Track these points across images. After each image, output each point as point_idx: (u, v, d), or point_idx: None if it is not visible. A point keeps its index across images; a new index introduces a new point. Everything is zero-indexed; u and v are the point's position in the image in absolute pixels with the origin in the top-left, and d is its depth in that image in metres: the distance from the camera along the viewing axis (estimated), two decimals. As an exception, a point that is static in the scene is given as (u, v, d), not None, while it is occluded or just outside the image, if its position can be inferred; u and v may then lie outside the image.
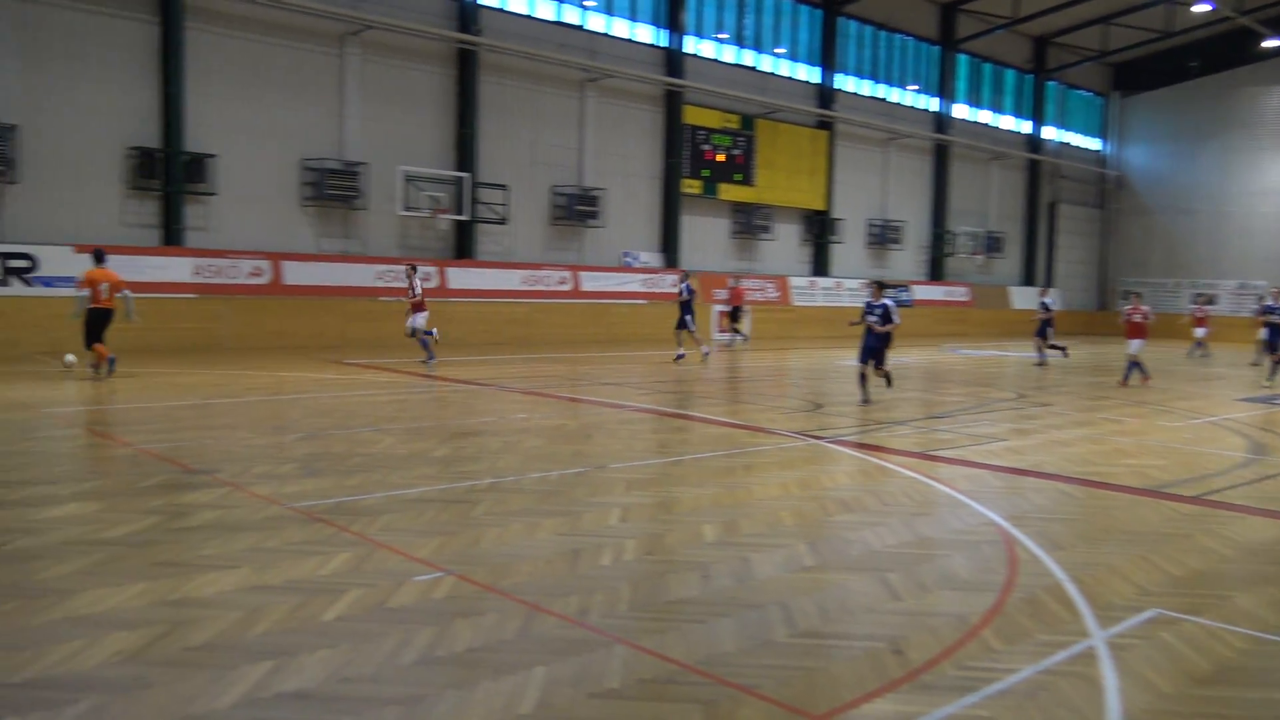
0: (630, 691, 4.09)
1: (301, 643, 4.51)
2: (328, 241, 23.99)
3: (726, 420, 12.32)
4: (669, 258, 30.45)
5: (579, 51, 27.80)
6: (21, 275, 18.94)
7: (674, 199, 30.48)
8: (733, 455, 9.90)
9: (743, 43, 32.39)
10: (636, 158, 29.79)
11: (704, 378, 18.43)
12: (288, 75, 22.95)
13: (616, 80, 28.74)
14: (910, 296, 36.94)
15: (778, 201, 33.50)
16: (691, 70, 30.31)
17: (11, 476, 7.96)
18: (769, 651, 4.60)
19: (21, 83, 19.48)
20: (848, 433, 11.65)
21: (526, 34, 26.74)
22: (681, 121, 30.32)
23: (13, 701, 3.81)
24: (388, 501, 7.31)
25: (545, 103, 27.58)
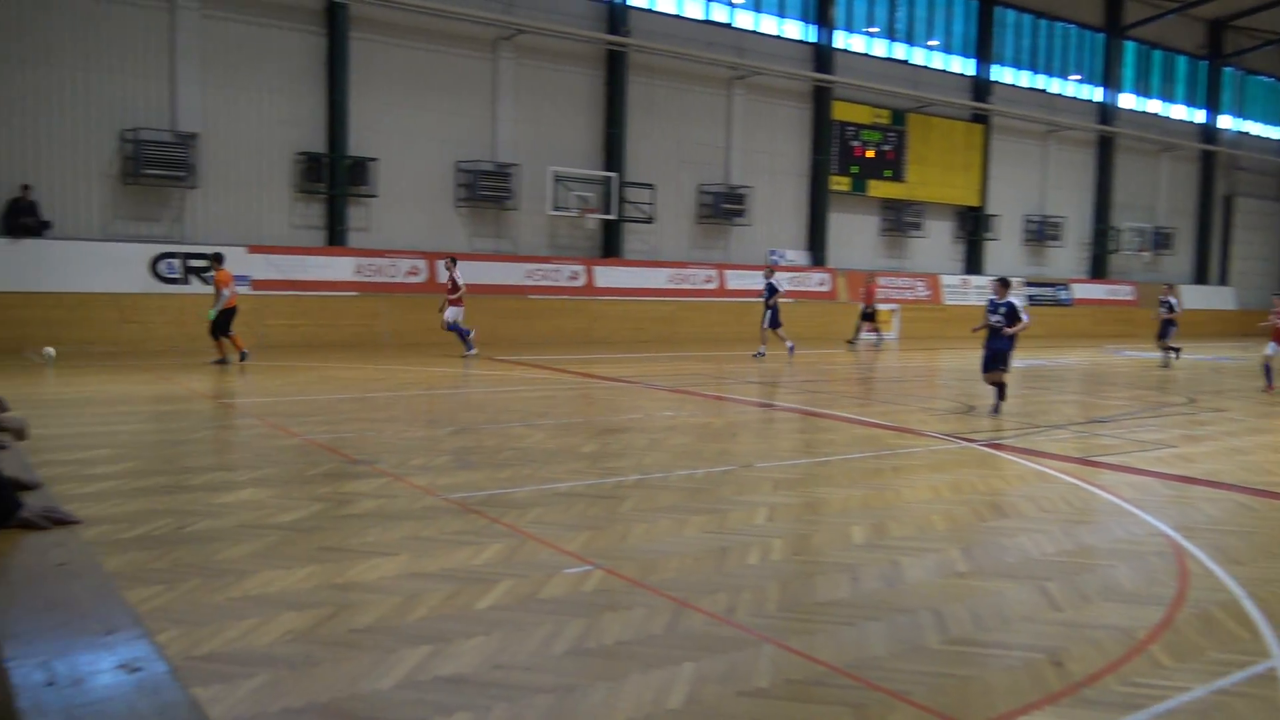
0: (778, 691, 4.06)
1: (457, 629, 4.65)
2: (480, 241, 24.69)
3: (874, 421, 12.09)
4: (816, 256, 30.09)
5: (726, 49, 27.77)
6: (201, 274, 20.18)
7: (821, 196, 30.10)
8: (881, 456, 9.70)
9: (894, 36, 31.70)
10: (784, 155, 29.54)
11: (851, 378, 18.13)
12: (444, 81, 23.73)
13: (764, 77, 28.57)
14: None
15: (929, 198, 32.67)
16: (841, 65, 29.86)
17: (193, 463, 8.49)
18: (920, 657, 4.49)
19: (203, 94, 20.77)
20: (1002, 436, 11.26)
21: (674, 33, 26.87)
22: (830, 118, 29.91)
23: (197, 673, 4.06)
24: (538, 495, 7.47)
25: (692, 101, 27.66)
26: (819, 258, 30.02)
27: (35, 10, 19.11)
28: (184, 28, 20.52)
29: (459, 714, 3.76)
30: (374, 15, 22.64)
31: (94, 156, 19.90)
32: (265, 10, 21.44)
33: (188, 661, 4.19)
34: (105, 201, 20.09)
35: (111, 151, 20.02)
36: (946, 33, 32.92)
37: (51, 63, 19.31)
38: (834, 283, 29.77)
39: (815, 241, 30.21)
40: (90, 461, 8.29)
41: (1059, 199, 36.59)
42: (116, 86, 19.97)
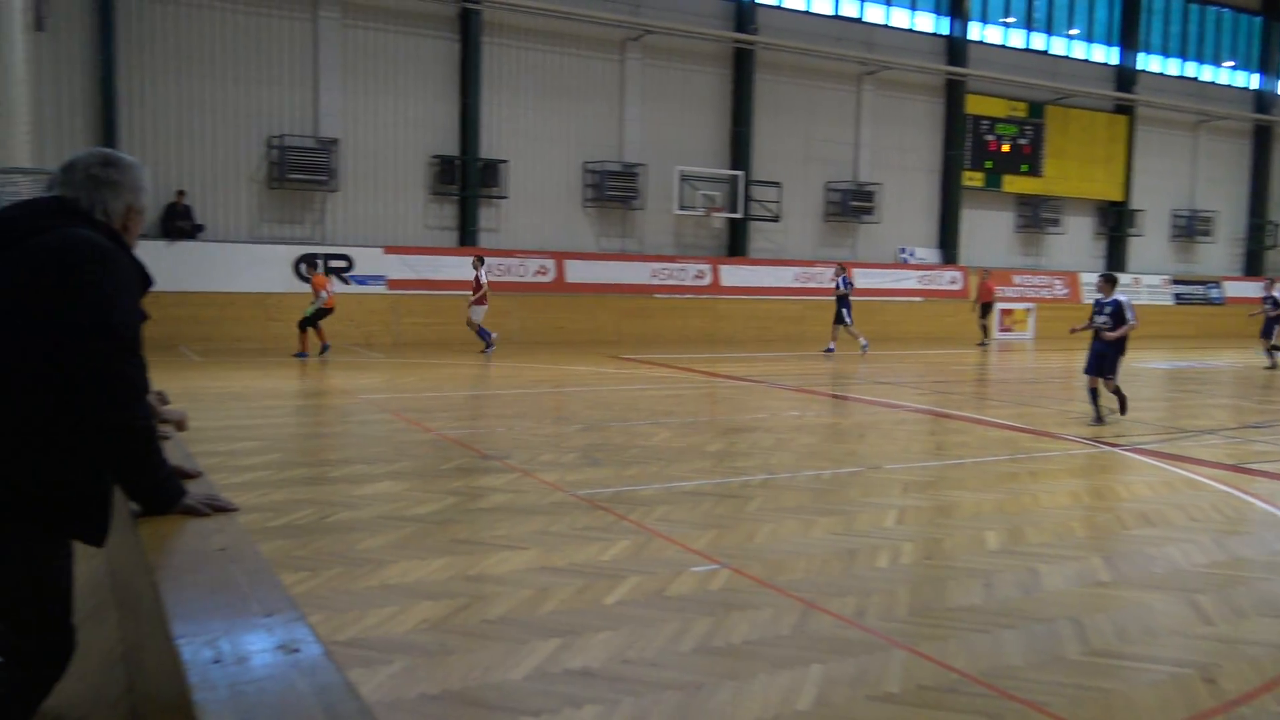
0: (910, 697, 3.99)
1: (586, 623, 4.72)
2: (607, 240, 24.95)
3: (1009, 423, 11.73)
4: (947, 254, 29.35)
5: (856, 44, 27.34)
6: (340, 274, 20.98)
7: (954, 192, 29.34)
8: (1016, 460, 9.40)
9: (1031, 25, 30.65)
10: (914, 151, 28.92)
11: (983, 378, 17.63)
12: (572, 83, 24.07)
13: (894, 72, 28.02)
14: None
15: (1068, 193, 31.48)
16: (975, 58, 29.03)
17: (333, 455, 8.85)
18: (1059, 668, 4.34)
19: (343, 101, 21.61)
20: (1147, 440, 10.77)
21: (802, 29, 26.61)
22: (963, 111, 29.13)
23: (339, 657, 4.20)
24: (664, 493, 7.51)
25: (820, 98, 27.34)
26: (950, 255, 29.28)
27: (190, 25, 20.20)
28: (326, 38, 21.38)
29: (587, 707, 3.82)
30: (505, 20, 23.12)
31: (243, 163, 20.93)
32: (402, 19, 22.15)
33: (331, 646, 4.34)
34: (252, 205, 21.11)
35: (259, 158, 21.01)
36: (1088, 20, 31.65)
37: (205, 75, 20.38)
38: (966, 281, 28.98)
39: (946, 239, 29.47)
40: (239, 453, 8.72)
41: (1210, 192, 34.76)
42: (264, 96, 20.95)
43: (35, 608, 2.50)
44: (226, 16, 20.51)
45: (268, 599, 1.97)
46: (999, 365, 20.80)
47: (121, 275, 2.52)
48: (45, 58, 18.47)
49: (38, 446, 2.41)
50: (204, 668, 1.61)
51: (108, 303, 2.43)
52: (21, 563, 2.45)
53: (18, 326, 2.43)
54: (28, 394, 2.41)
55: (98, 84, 19.33)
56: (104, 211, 2.66)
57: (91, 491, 2.53)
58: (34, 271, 2.46)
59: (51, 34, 18.75)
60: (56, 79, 18.96)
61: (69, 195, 2.64)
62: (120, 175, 2.71)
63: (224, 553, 2.29)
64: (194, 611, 1.90)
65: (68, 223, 2.56)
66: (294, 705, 1.49)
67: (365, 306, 21.03)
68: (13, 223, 2.59)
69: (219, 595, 2.00)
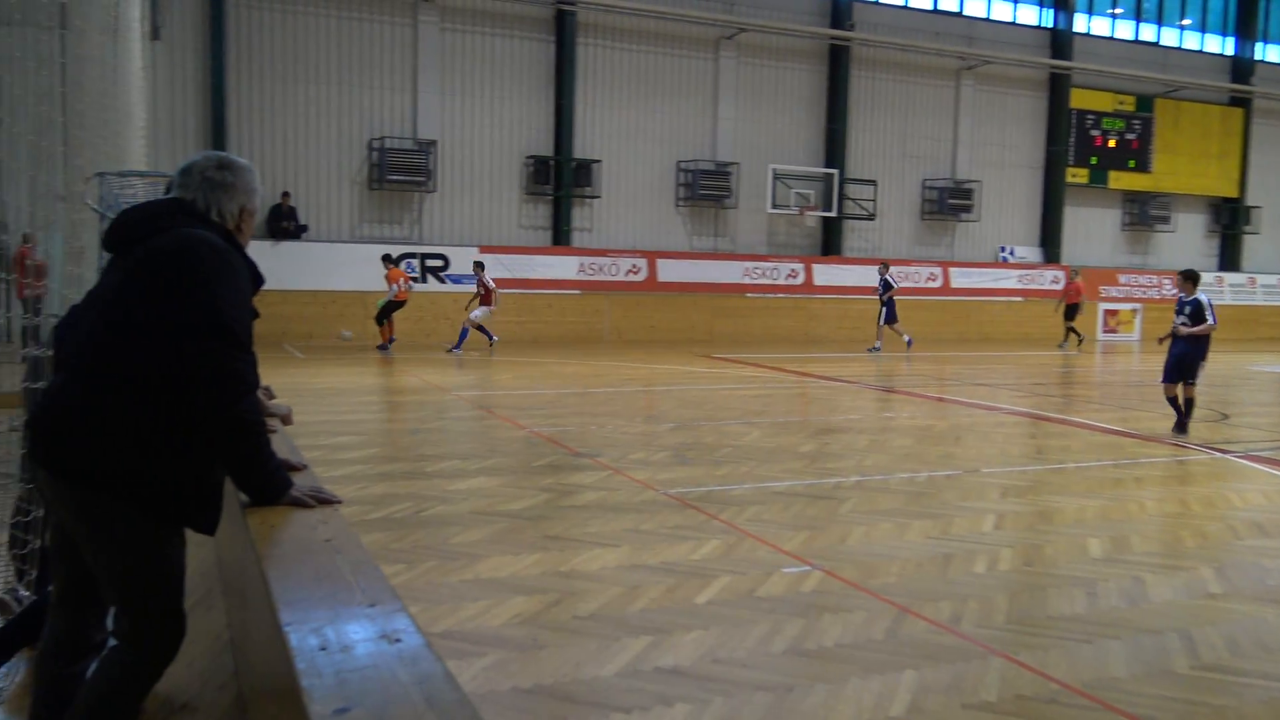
0: (1007, 706, 3.90)
1: (676, 622, 4.73)
2: (699, 240, 24.92)
3: (1113, 427, 11.36)
4: (1049, 252, 28.55)
5: (955, 39, 26.79)
6: (436, 273, 21.40)
7: (1056, 189, 28.52)
8: (1121, 466, 9.11)
9: (1141, 16, 29.60)
10: (1015, 147, 28.20)
11: (1086, 380, 17.12)
12: (665, 82, 24.10)
13: (995, 66, 27.37)
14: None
15: (1179, 189, 30.31)
16: (1080, 50, 28.17)
17: (429, 451, 9.02)
18: (1167, 682, 4.19)
19: (440, 103, 22.02)
20: (1262, 447, 10.32)
21: (900, 25, 26.18)
22: (1067, 106, 28.28)
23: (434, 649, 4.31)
24: (755, 493, 7.48)
25: (917, 94, 26.86)
26: (1052, 254, 28.46)
27: (296, 32, 20.82)
28: (425, 41, 21.81)
29: (678, 705, 3.82)
30: (600, 21, 23.27)
31: (345, 165, 21.48)
32: (498, 21, 22.46)
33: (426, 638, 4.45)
34: (353, 206, 21.65)
35: (360, 160, 21.54)
36: (1202, 10, 30.43)
37: (309, 80, 20.98)
38: (1068, 280, 28.14)
39: (1048, 237, 28.66)
40: (339, 447, 8.96)
41: (1332, 188, 33.11)
42: (365, 99, 21.47)
43: (151, 593, 2.60)
44: (330, 22, 21.08)
45: (370, 589, 2.02)
46: (1103, 367, 20.17)
47: (235, 274, 2.62)
48: (160, 65, 19.22)
49: (156, 439, 2.52)
50: (311, 655, 1.66)
51: (222, 301, 2.53)
52: (140, 549, 2.56)
53: (138, 323, 2.53)
54: (147, 389, 2.51)
55: (208, 90, 20.06)
56: (219, 213, 2.76)
57: (205, 482, 2.63)
58: (153, 271, 2.57)
59: (166, 42, 19.51)
60: (170, 85, 19.72)
61: (186, 197, 2.75)
62: (234, 178, 2.81)
63: (329, 544, 2.36)
64: (300, 600, 1.97)
65: (184, 224, 2.66)
66: (396, 694, 1.53)
67: (460, 305, 21.36)
68: (134, 224, 2.71)
69: (324, 585, 2.06)
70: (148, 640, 2.63)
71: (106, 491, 2.48)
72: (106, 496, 2.49)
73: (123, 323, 2.56)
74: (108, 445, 2.49)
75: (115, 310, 2.59)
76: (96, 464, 2.48)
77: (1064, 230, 28.75)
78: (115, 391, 2.51)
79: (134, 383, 2.51)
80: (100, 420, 2.50)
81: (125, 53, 11.50)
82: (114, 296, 2.63)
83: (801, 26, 24.91)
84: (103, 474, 2.48)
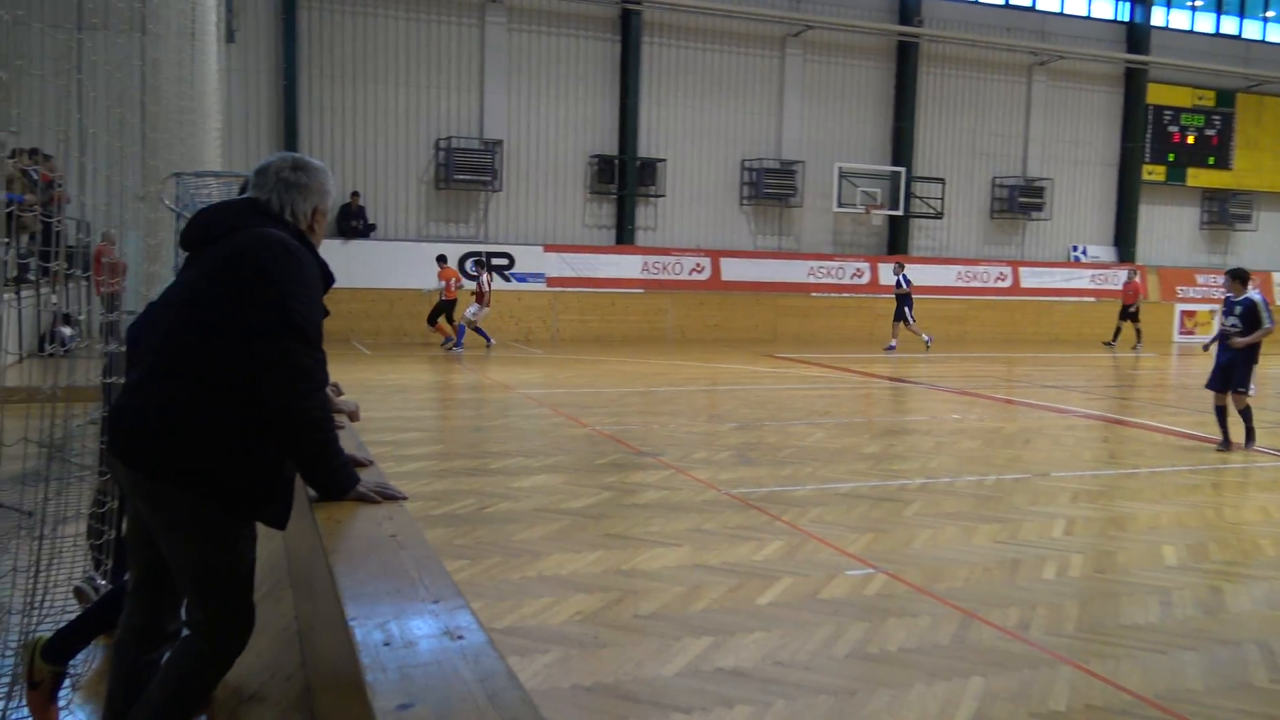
0: (1077, 716, 3.80)
1: (738, 623, 4.70)
2: (763, 239, 24.79)
3: (1189, 432, 11.05)
4: (1123, 251, 27.87)
5: (1027, 34, 26.28)
6: (501, 272, 21.57)
7: (1131, 187, 27.83)
8: (1198, 471, 8.85)
9: (1222, 9, 28.74)
10: (1088, 144, 27.58)
11: (1162, 383, 16.68)
12: (730, 80, 24.01)
13: (1068, 61, 26.79)
14: None
15: (1261, 186, 29.37)
16: (1157, 44, 27.43)
17: (494, 448, 9.10)
18: (1246, 695, 4.06)
19: (507, 103, 22.20)
20: (1349, 454, 9.95)
21: (970, 20, 25.77)
22: (1144, 102, 27.58)
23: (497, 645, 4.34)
24: (819, 494, 7.41)
25: (988, 90, 26.41)
26: (1127, 253, 27.78)
27: (366, 33, 21.14)
28: (492, 42, 22.00)
29: (739, 707, 3.80)
30: (665, 20, 23.26)
31: (413, 164, 21.77)
32: (564, 21, 22.57)
33: (490, 633, 4.47)
34: (421, 205, 21.93)
35: (428, 159, 21.81)
36: (1286, 2, 29.46)
37: (379, 80, 21.29)
38: (1144, 280, 27.46)
39: (1122, 236, 27.98)
40: (405, 443, 9.07)
41: None
42: (432, 99, 21.73)
43: (222, 585, 2.66)
44: (399, 24, 21.37)
45: (434, 585, 2.03)
46: (1179, 370, 19.64)
47: (306, 273, 2.66)
48: (234, 66, 19.65)
49: (229, 436, 2.57)
50: (375, 650, 1.68)
51: (293, 300, 2.57)
52: (213, 542, 2.61)
53: (212, 322, 2.59)
54: (221, 386, 2.57)
55: (280, 90, 20.47)
56: (292, 213, 2.81)
57: (276, 478, 2.68)
58: (227, 270, 2.62)
59: (240, 44, 19.96)
60: (244, 86, 20.16)
61: (261, 197, 2.81)
62: (308, 179, 2.86)
63: (394, 539, 2.38)
64: (365, 595, 1.99)
65: (258, 223, 2.71)
66: (459, 690, 1.54)
67: (525, 303, 21.56)
68: (209, 224, 2.78)
69: (389, 580, 2.08)
70: (218, 631, 2.69)
71: (181, 486, 2.54)
72: (181, 491, 2.54)
73: (197, 321, 2.61)
74: (183, 441, 2.55)
75: (190, 308, 2.65)
76: (172, 459, 2.54)
77: (1139, 229, 28.05)
78: (191, 388, 2.56)
79: (208, 380, 2.57)
80: (176, 416, 2.56)
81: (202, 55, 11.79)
82: (189, 295, 2.69)
83: (869, 23, 24.64)
84: (178, 469, 2.54)
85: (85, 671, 3.68)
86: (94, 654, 3.73)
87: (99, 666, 3.66)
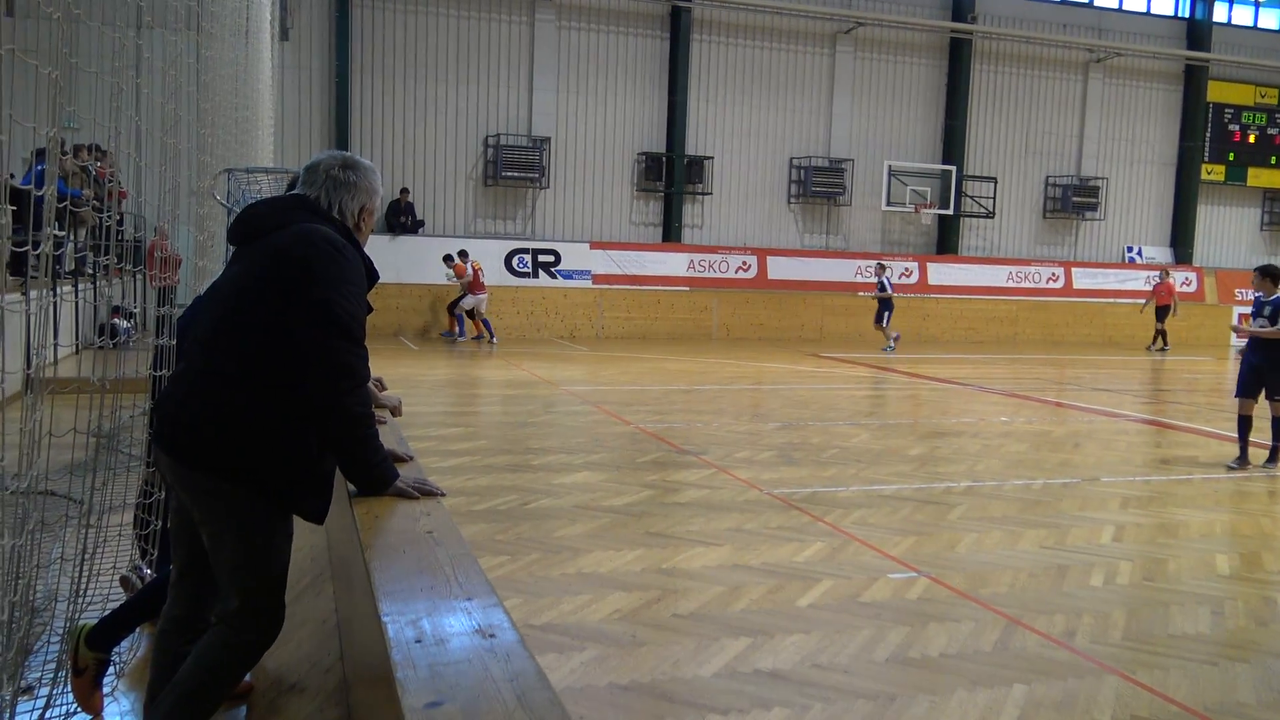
0: (1123, 728, 3.73)
1: (777, 624, 4.67)
2: (810, 237, 24.63)
3: (1247, 438, 10.78)
4: (1180, 253, 27.31)
5: (1084, 30, 25.83)
6: (548, 269, 21.66)
7: (1189, 187, 27.25)
8: (1253, 479, 8.65)
9: (1286, 5, 28.04)
10: (1145, 142, 27.05)
11: (1218, 388, 16.31)
12: (779, 78, 23.88)
13: (1126, 58, 26.30)
14: None
15: (1325, 186, 28.63)
16: (1219, 41, 26.83)
17: (535, 444, 9.13)
18: (1299, 711, 3.95)
19: (556, 100, 22.27)
20: None
21: (1025, 17, 25.39)
22: (1204, 100, 26.98)
23: (533, 641, 4.36)
24: (862, 495, 7.34)
25: (1042, 88, 26.00)
26: (1184, 255, 27.22)
27: (416, 31, 21.33)
28: (542, 39, 22.08)
29: (776, 709, 3.78)
30: (714, 17, 23.19)
31: (461, 161, 21.92)
32: (614, 19, 22.59)
33: (527, 630, 4.50)
34: (468, 202, 22.08)
35: (476, 156, 21.95)
36: (1353, -2, 28.67)
37: (428, 78, 21.47)
38: (1200, 282, 26.90)
39: (1180, 237, 27.41)
40: (448, 439, 9.14)
41: None
42: (481, 97, 21.86)
43: (256, 577, 2.68)
44: (449, 21, 21.53)
45: (468, 583, 2.04)
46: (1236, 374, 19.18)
47: (351, 270, 2.68)
48: (287, 64, 19.93)
49: (270, 429, 2.60)
50: (406, 646, 1.68)
51: (336, 296, 2.59)
52: (250, 534, 2.64)
53: (257, 316, 2.62)
54: (263, 380, 2.60)
55: (332, 88, 20.71)
56: (340, 210, 2.84)
57: (315, 472, 2.70)
58: (272, 265, 2.65)
59: (293, 42, 20.23)
60: (297, 84, 20.43)
61: (310, 194, 2.84)
62: (358, 177, 2.89)
63: (430, 535, 2.39)
64: (400, 591, 2.00)
65: (306, 219, 2.74)
66: (488, 690, 1.53)
67: (570, 300, 21.62)
68: (258, 219, 2.81)
69: (423, 577, 2.09)
70: (247, 625, 2.71)
71: (221, 476, 2.57)
72: (222, 481, 2.58)
73: (242, 315, 2.65)
74: (224, 432, 2.58)
75: (236, 302, 2.68)
76: (213, 450, 2.57)
77: (1197, 230, 27.47)
78: (234, 381, 2.60)
79: (252, 373, 2.60)
80: (218, 408, 2.59)
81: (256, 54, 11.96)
82: (235, 289, 2.72)
83: (922, 20, 24.37)
84: (218, 459, 2.57)
85: (130, 659, 3.75)
86: (138, 642, 3.80)
87: (143, 655, 3.72)
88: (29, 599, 3.23)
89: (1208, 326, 25.98)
